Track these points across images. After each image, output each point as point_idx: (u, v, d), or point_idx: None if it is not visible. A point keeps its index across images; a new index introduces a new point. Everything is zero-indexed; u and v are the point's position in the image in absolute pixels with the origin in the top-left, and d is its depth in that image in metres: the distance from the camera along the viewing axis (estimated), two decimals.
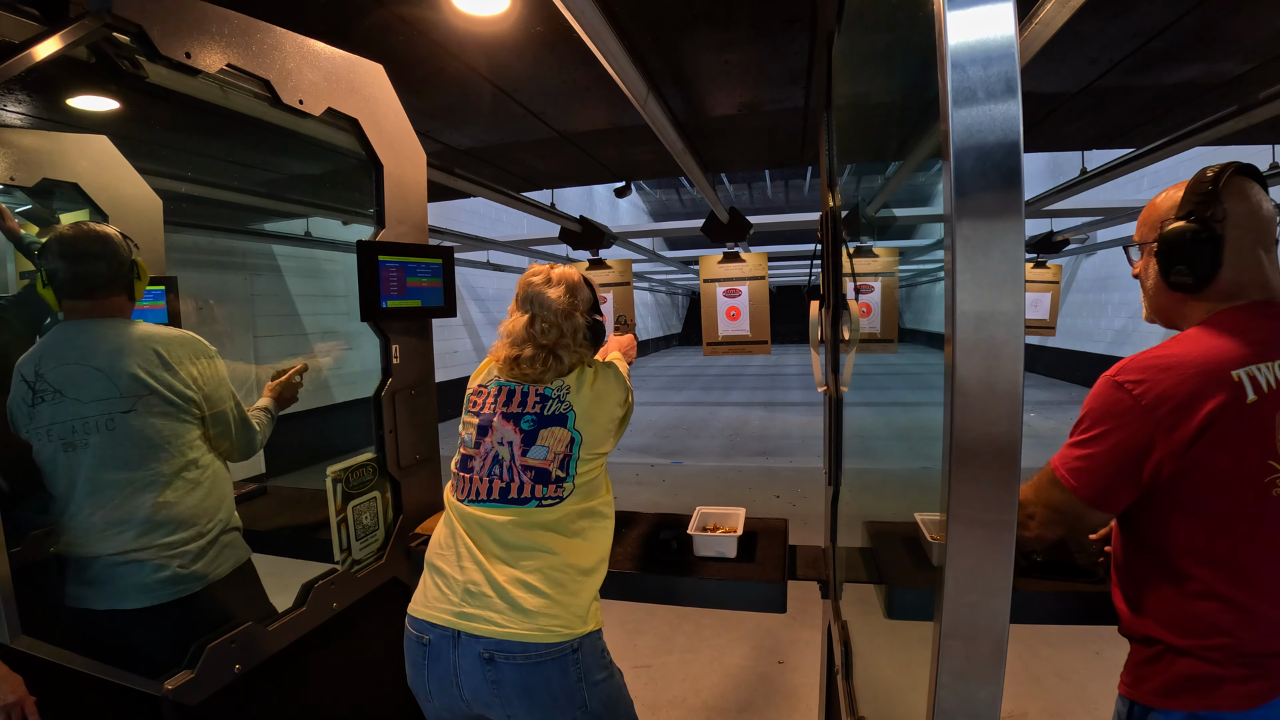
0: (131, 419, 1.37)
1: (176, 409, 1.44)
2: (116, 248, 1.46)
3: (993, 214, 0.50)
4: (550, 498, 1.25)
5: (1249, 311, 1.00)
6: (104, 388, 1.36)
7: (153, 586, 1.39)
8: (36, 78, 1.50)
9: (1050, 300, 5.73)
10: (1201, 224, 1.01)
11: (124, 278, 1.47)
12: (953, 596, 0.55)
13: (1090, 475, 1.01)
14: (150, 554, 1.39)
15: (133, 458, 1.38)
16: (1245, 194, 1.02)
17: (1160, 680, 1.00)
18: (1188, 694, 0.97)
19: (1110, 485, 1.00)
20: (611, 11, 2.01)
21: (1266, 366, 0.94)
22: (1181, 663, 0.98)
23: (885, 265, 4.16)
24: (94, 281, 1.43)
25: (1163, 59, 2.56)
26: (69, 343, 1.39)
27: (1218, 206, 1.01)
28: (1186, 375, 0.95)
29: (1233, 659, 0.94)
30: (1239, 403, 0.93)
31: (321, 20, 2.10)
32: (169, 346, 1.44)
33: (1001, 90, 0.50)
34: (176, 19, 1.23)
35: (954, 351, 0.52)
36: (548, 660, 1.17)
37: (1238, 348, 0.96)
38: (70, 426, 1.36)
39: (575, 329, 1.34)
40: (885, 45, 1.21)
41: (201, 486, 1.48)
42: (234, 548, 1.56)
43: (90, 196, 1.97)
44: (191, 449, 1.47)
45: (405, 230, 1.78)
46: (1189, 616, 0.98)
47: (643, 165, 4.37)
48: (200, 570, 1.45)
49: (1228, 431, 0.93)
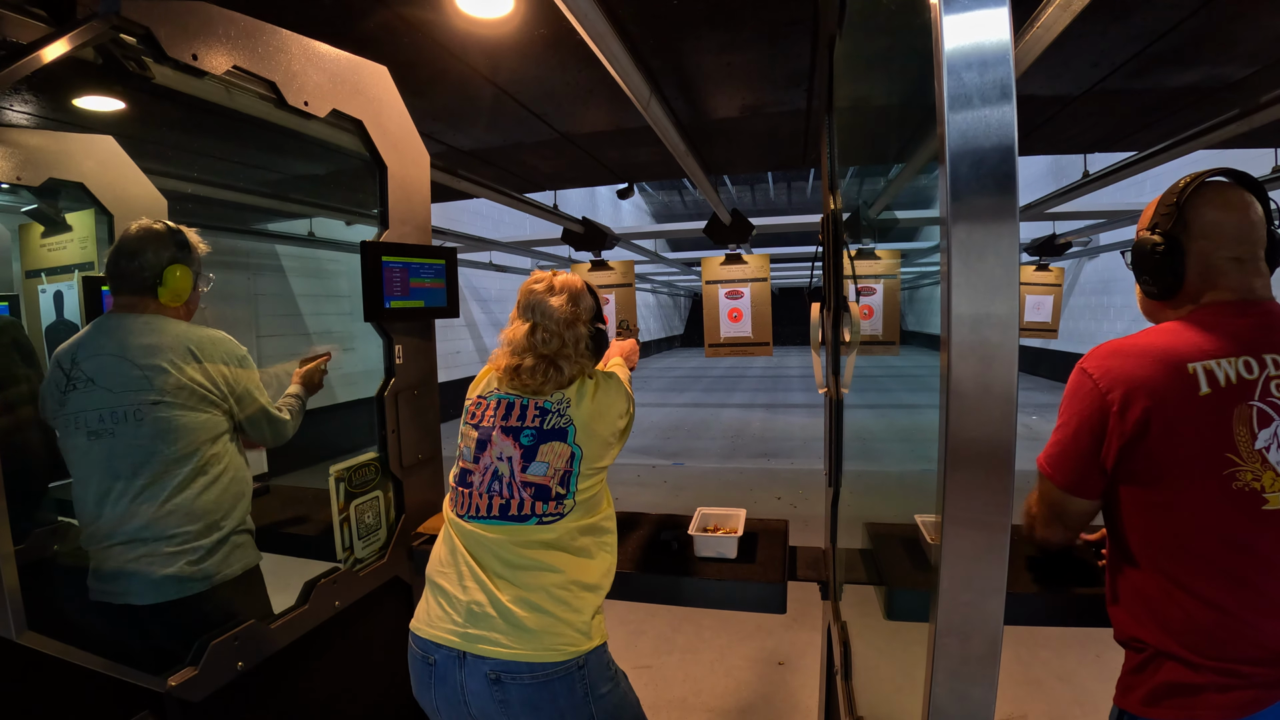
0: (159, 411, 1.40)
1: (204, 405, 1.47)
2: (152, 248, 1.48)
3: (988, 218, 0.51)
4: (551, 515, 1.24)
5: (1219, 310, 1.02)
6: (135, 379, 1.40)
7: (160, 583, 1.41)
8: (44, 78, 1.52)
9: (1053, 303, 5.73)
10: (1162, 237, 1.06)
11: (152, 279, 1.48)
12: (948, 596, 0.56)
13: (1062, 460, 1.06)
14: (161, 545, 1.41)
15: (156, 450, 1.41)
16: (1215, 202, 1.04)
17: (1146, 688, 0.99)
18: (1170, 703, 0.96)
19: (1079, 468, 1.04)
20: (614, 14, 2.02)
21: (1228, 362, 0.96)
22: (1165, 669, 0.97)
23: (887, 268, 4.16)
24: (125, 279, 1.48)
25: (1165, 62, 2.56)
26: (107, 334, 1.44)
27: (1179, 219, 1.05)
28: (1143, 362, 0.98)
29: (1211, 664, 0.93)
30: (1191, 394, 0.95)
31: (326, 22, 2.11)
32: (201, 345, 1.48)
33: (997, 95, 0.51)
34: (183, 21, 1.24)
35: (949, 353, 0.52)
36: (554, 679, 1.17)
37: (1199, 342, 0.98)
38: (99, 415, 1.39)
39: (577, 338, 1.31)
40: (886, 49, 1.21)
41: (219, 484, 1.50)
42: (245, 549, 1.57)
43: (96, 196, 1.98)
44: (213, 445, 1.50)
45: (408, 231, 1.79)
46: (1169, 616, 0.98)
47: (645, 167, 4.38)
48: (209, 569, 1.47)
49: (1177, 422, 0.95)
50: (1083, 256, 10.64)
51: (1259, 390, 0.94)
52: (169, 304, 1.50)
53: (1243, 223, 1.04)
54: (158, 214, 2.13)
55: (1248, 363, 0.96)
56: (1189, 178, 1.07)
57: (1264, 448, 0.93)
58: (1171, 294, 1.08)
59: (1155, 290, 1.09)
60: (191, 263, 1.54)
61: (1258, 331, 0.99)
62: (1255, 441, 0.93)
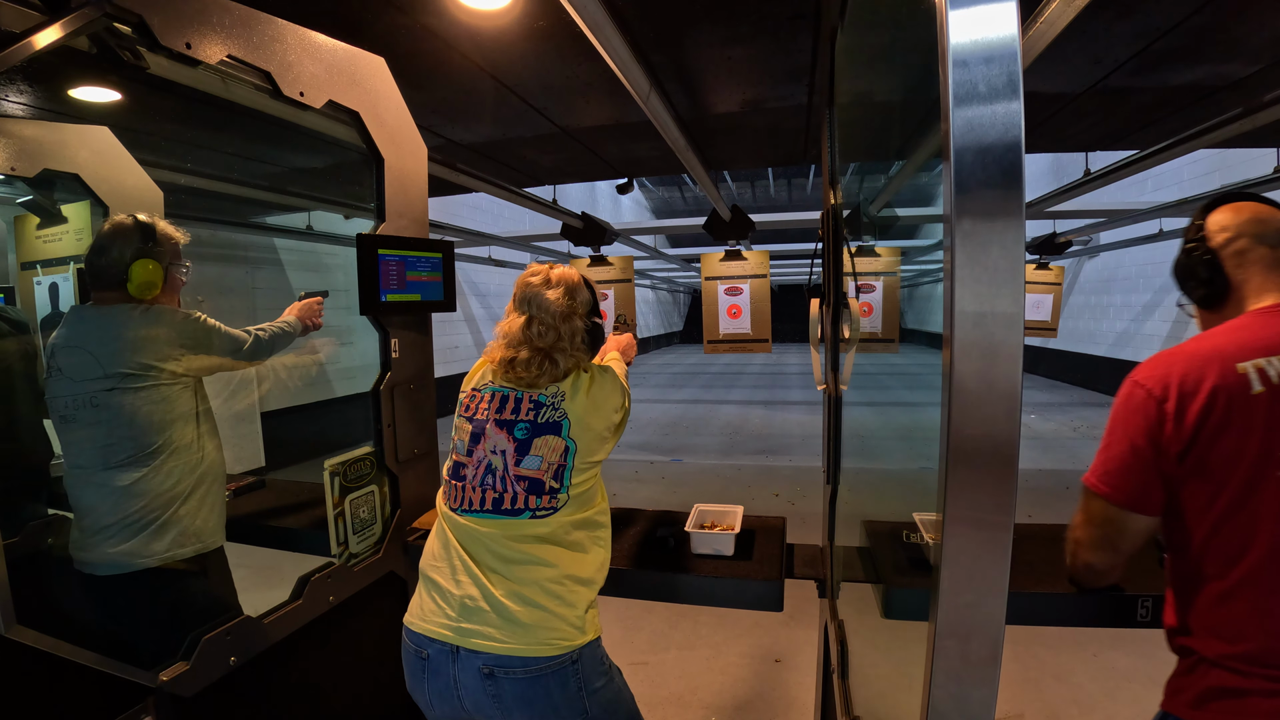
0: (114, 396, 1.48)
1: (158, 384, 1.52)
2: (119, 244, 1.52)
3: (993, 213, 0.50)
4: (544, 509, 1.23)
5: (1266, 312, 1.02)
6: (89, 366, 1.48)
7: (114, 557, 1.50)
8: (37, 67, 1.50)
9: (1052, 302, 5.73)
10: (1195, 245, 1.11)
11: (120, 274, 1.52)
12: (948, 596, 0.55)
13: (1120, 476, 1.02)
14: (116, 519, 1.49)
15: (115, 431, 1.49)
16: (1225, 209, 1.10)
17: (1194, 692, 0.99)
18: (1215, 706, 0.96)
19: (1140, 482, 1.01)
20: (614, 6, 2.00)
21: (1277, 359, 0.95)
22: (1213, 674, 0.97)
23: (887, 265, 4.15)
24: (99, 275, 1.53)
25: (1168, 60, 2.55)
26: (72, 326, 1.53)
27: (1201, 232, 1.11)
28: (1192, 365, 0.98)
29: (1258, 669, 0.93)
30: (1244, 393, 0.94)
31: (323, 12, 2.09)
32: (147, 325, 1.53)
33: (1003, 88, 0.50)
34: (177, 9, 1.23)
35: (952, 350, 0.51)
36: (548, 673, 1.17)
37: (1247, 342, 0.98)
38: (65, 401, 1.49)
39: (573, 332, 1.30)
40: (888, 42, 1.20)
41: (177, 464, 1.55)
42: (203, 533, 1.61)
43: (91, 188, 1.96)
44: (173, 426, 1.55)
45: (406, 224, 1.77)
46: (1218, 621, 0.97)
47: (645, 162, 4.37)
48: (158, 547, 1.53)
49: (1231, 419, 0.94)
50: (1083, 255, 10.64)
51: None
52: (140, 296, 1.54)
53: (1257, 215, 1.06)
54: (153, 206, 2.12)
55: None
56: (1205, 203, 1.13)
57: None
58: (1214, 304, 1.10)
59: (1198, 299, 1.12)
60: (161, 256, 1.57)
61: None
62: None
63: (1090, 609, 1.45)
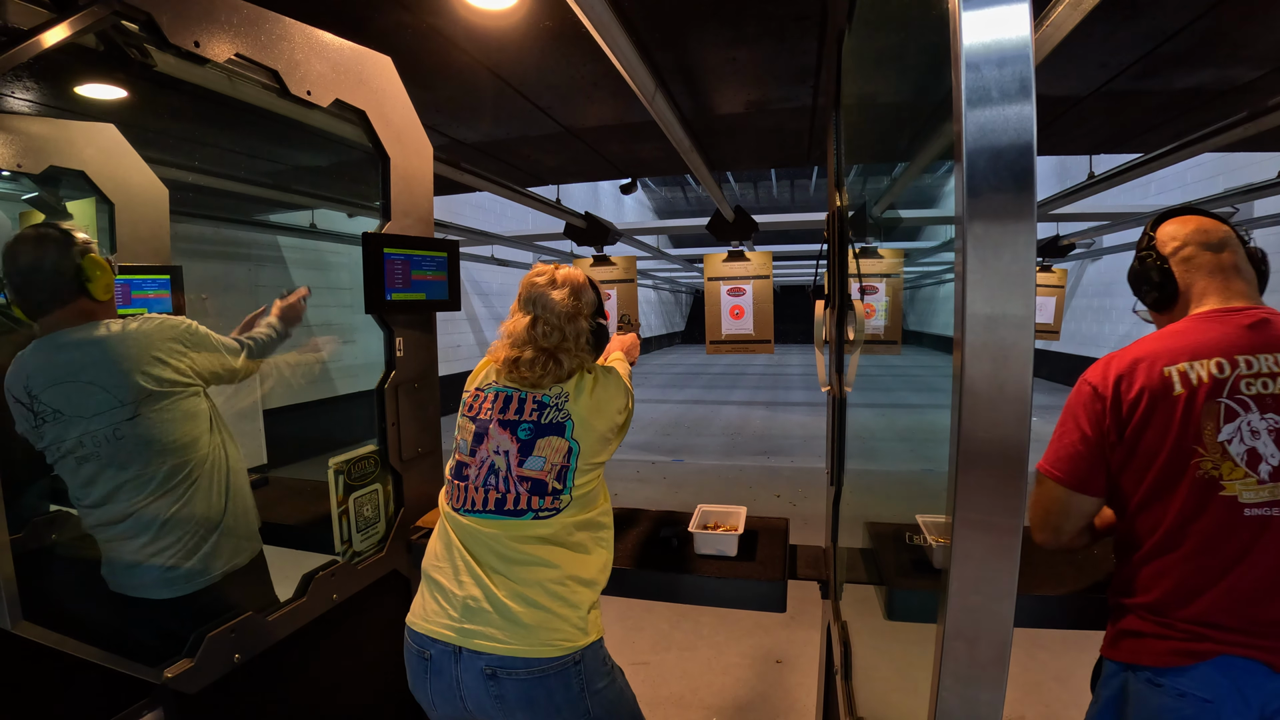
0: (137, 425, 1.40)
1: (177, 397, 1.46)
2: (54, 250, 1.36)
3: (1005, 216, 0.50)
4: (547, 510, 1.23)
5: (1204, 317, 1.15)
6: (103, 400, 1.36)
7: (172, 579, 1.46)
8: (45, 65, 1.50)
9: (1055, 305, 5.72)
10: (1145, 253, 1.26)
11: (74, 279, 1.37)
12: (957, 598, 0.55)
13: (1070, 461, 1.17)
14: (170, 542, 1.45)
15: (141, 461, 1.42)
16: (1173, 220, 1.24)
17: (1111, 634, 1.19)
18: (1124, 645, 1.14)
19: (1088, 467, 1.15)
20: (620, 7, 2.00)
21: (1200, 364, 1.09)
22: (1125, 620, 1.15)
23: (890, 266, 4.15)
24: (43, 294, 1.36)
25: (1174, 63, 2.54)
26: (51, 360, 1.36)
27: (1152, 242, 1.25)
28: (1128, 367, 1.13)
29: (1153, 616, 1.10)
30: (1166, 394, 1.09)
31: (329, 11, 2.09)
32: (150, 339, 1.43)
33: (1016, 91, 0.49)
34: (185, 7, 1.23)
35: (963, 353, 0.51)
36: (550, 674, 1.17)
37: (1177, 347, 1.12)
38: (79, 441, 1.37)
39: (578, 332, 1.30)
40: (897, 45, 1.20)
41: (213, 478, 1.52)
42: (249, 539, 1.61)
43: (97, 184, 1.97)
44: (201, 438, 1.50)
45: (410, 223, 1.78)
46: (1135, 579, 1.14)
47: (649, 162, 4.36)
48: (216, 563, 1.51)
49: (1154, 417, 1.09)
50: (1086, 258, 10.62)
51: (1228, 388, 1.07)
52: (102, 297, 1.41)
53: (1201, 227, 1.20)
54: (159, 203, 2.12)
55: (1220, 363, 1.08)
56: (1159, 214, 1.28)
57: (1226, 440, 1.05)
58: (1165, 306, 1.24)
59: (1151, 302, 1.27)
60: (94, 248, 1.42)
61: (1234, 335, 1.10)
62: (1219, 434, 1.06)
63: (1092, 612, 1.44)
